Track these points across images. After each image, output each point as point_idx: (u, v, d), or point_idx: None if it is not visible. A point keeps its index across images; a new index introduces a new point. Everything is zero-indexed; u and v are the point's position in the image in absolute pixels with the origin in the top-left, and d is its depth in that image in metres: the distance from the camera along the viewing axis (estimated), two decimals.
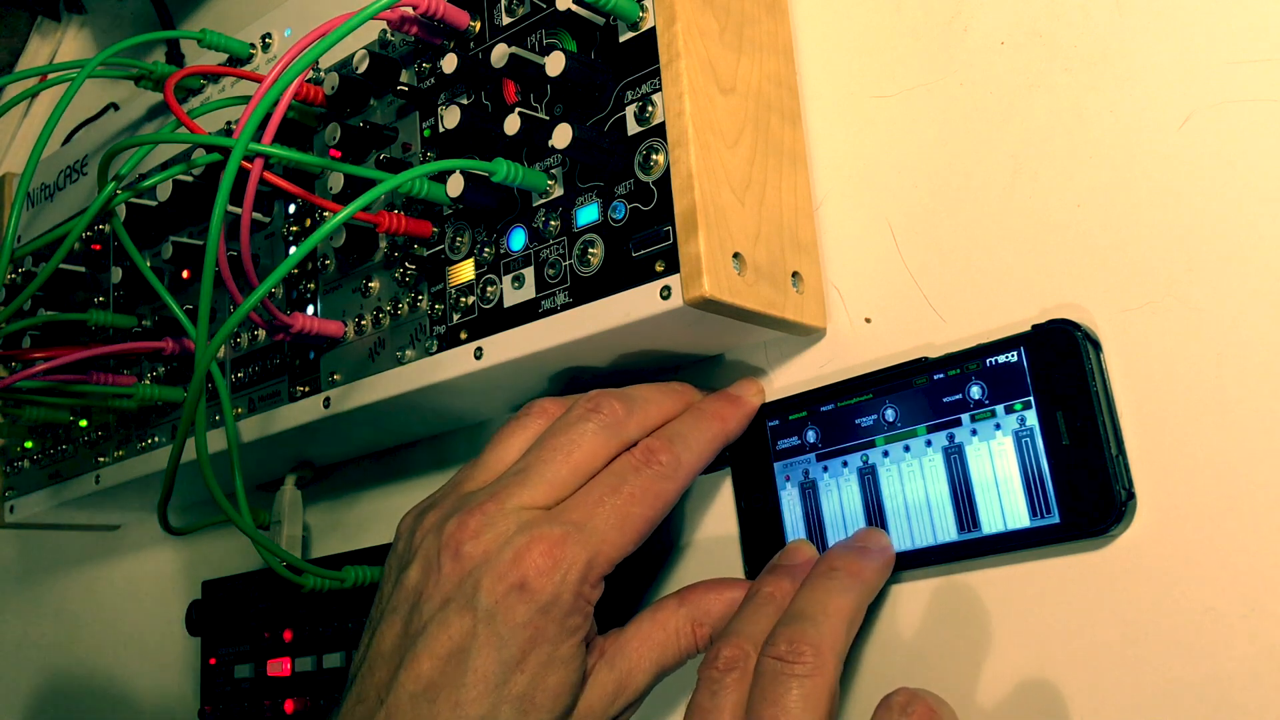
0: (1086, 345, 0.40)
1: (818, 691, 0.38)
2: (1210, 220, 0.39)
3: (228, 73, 0.61)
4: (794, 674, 0.38)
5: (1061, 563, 0.41)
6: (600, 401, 0.44)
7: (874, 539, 0.43)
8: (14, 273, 0.73)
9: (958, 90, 0.46)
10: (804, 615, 0.40)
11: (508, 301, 0.48)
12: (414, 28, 0.51)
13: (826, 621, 0.40)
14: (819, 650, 0.39)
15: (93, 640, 0.82)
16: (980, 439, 0.42)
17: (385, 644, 0.43)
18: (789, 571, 0.44)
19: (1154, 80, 0.41)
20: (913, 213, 0.46)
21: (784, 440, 0.47)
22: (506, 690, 0.41)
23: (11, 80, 0.67)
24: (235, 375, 0.60)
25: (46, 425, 0.70)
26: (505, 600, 0.41)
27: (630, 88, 0.45)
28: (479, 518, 0.42)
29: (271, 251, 0.59)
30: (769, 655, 0.39)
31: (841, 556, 0.42)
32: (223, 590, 0.67)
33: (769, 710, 0.38)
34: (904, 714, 0.38)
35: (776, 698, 0.38)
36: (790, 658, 0.39)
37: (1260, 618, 0.37)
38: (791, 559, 0.45)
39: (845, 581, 0.41)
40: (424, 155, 0.52)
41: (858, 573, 0.42)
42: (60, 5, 0.96)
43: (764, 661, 0.39)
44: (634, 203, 0.44)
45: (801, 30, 0.50)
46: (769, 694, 0.38)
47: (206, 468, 0.47)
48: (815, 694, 0.38)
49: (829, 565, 0.42)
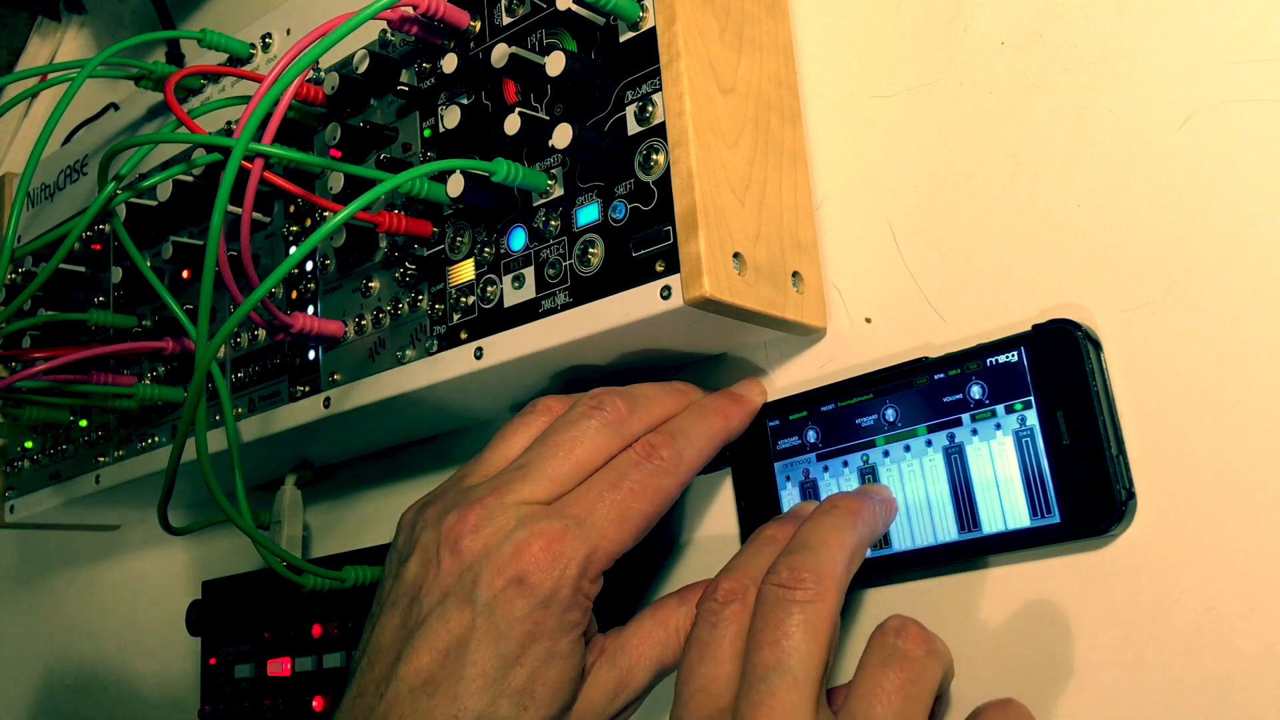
0: (1087, 345, 0.40)
1: (819, 617, 0.38)
2: (1210, 220, 0.39)
3: (228, 73, 0.61)
4: (795, 599, 0.38)
5: (1062, 562, 0.41)
6: (603, 399, 0.44)
7: (875, 489, 0.44)
8: (14, 273, 0.73)
9: (958, 90, 0.46)
10: (805, 546, 0.40)
11: (508, 301, 0.48)
12: (414, 28, 0.51)
13: (827, 551, 0.39)
14: (820, 577, 0.38)
15: (93, 640, 0.82)
16: (981, 439, 0.42)
17: (384, 638, 0.43)
18: (792, 517, 0.44)
19: (1154, 80, 0.41)
20: (913, 213, 0.46)
21: (784, 440, 0.47)
22: (505, 684, 0.41)
23: (11, 80, 0.67)
24: (235, 375, 0.60)
25: (46, 425, 0.70)
26: (504, 594, 0.41)
27: (630, 88, 0.45)
28: (478, 512, 0.42)
29: (271, 251, 0.59)
30: (770, 583, 0.39)
31: (842, 496, 0.43)
32: (223, 590, 0.67)
33: (770, 635, 0.38)
34: (898, 636, 0.38)
35: (778, 622, 0.38)
36: (791, 583, 0.38)
37: (1260, 618, 0.37)
38: (796, 510, 0.45)
39: (846, 518, 0.41)
40: (424, 155, 0.52)
41: (858, 510, 0.42)
42: (60, 5, 0.96)
43: (765, 589, 0.39)
44: (634, 203, 0.44)
45: (801, 30, 0.50)
46: (770, 619, 0.38)
47: (206, 468, 0.47)
48: (817, 619, 0.38)
49: (830, 504, 0.42)
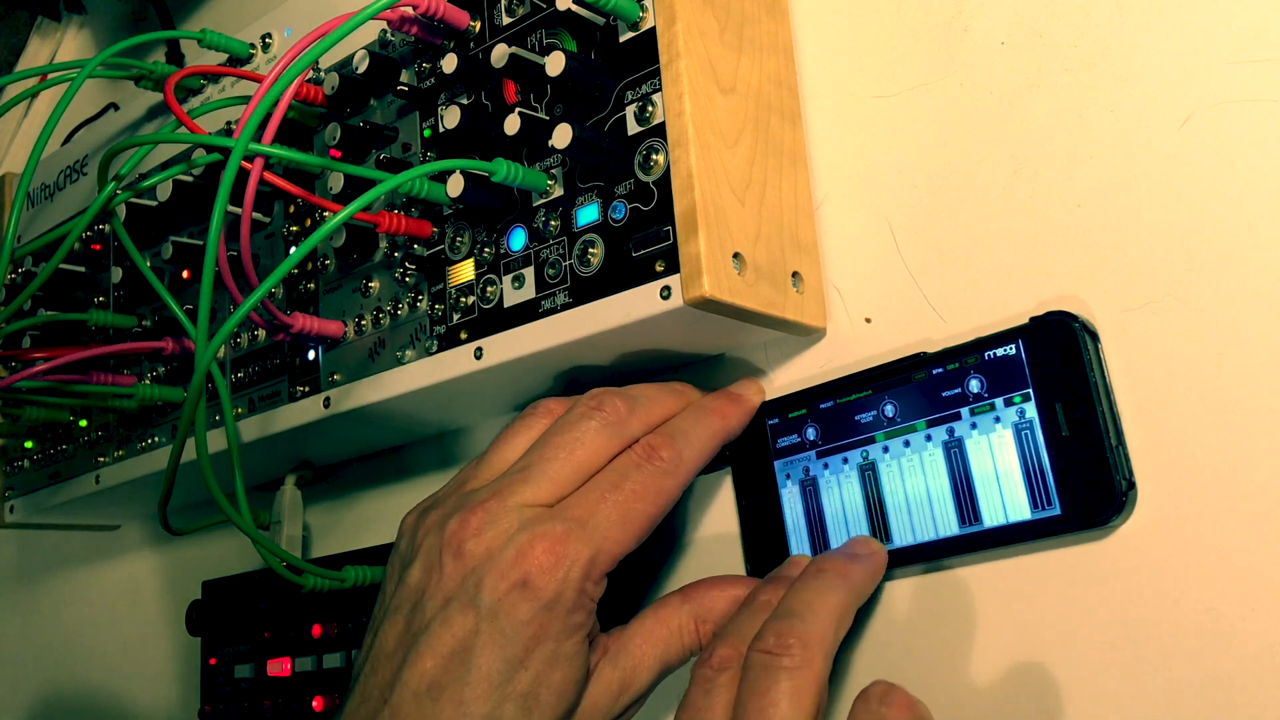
0: (1084, 336, 0.40)
1: (806, 684, 0.38)
2: (1210, 220, 0.39)
3: (228, 73, 0.61)
4: (782, 666, 0.38)
5: (1062, 554, 0.41)
6: (603, 400, 0.44)
7: (863, 545, 0.44)
8: (14, 273, 0.73)
9: (958, 90, 0.46)
10: (791, 612, 0.40)
11: (508, 301, 0.48)
12: (414, 28, 0.51)
13: (813, 617, 0.40)
14: (806, 644, 0.39)
15: (93, 640, 0.81)
16: (980, 432, 0.42)
17: (388, 643, 0.43)
18: (786, 580, 0.44)
19: (1154, 80, 0.41)
20: (913, 212, 0.46)
21: (784, 438, 0.47)
22: (510, 688, 0.41)
23: (11, 80, 0.67)
24: (235, 375, 0.60)
25: (46, 425, 0.70)
26: (508, 598, 0.41)
27: (630, 88, 0.45)
28: (481, 515, 0.42)
29: (271, 251, 0.59)
30: (756, 649, 0.39)
31: (830, 559, 0.43)
32: (223, 590, 0.67)
33: (757, 702, 0.38)
34: (882, 703, 0.38)
35: (765, 689, 0.38)
36: (778, 650, 0.39)
37: (1260, 617, 0.37)
38: (790, 570, 0.45)
39: (832, 581, 0.41)
40: (424, 155, 0.52)
41: (845, 574, 0.42)
42: (60, 5, 0.95)
43: (752, 655, 0.39)
44: (634, 203, 0.44)
45: (801, 30, 0.50)
46: (757, 686, 0.38)
47: (206, 468, 0.47)
48: (803, 687, 0.38)
49: (817, 567, 0.42)
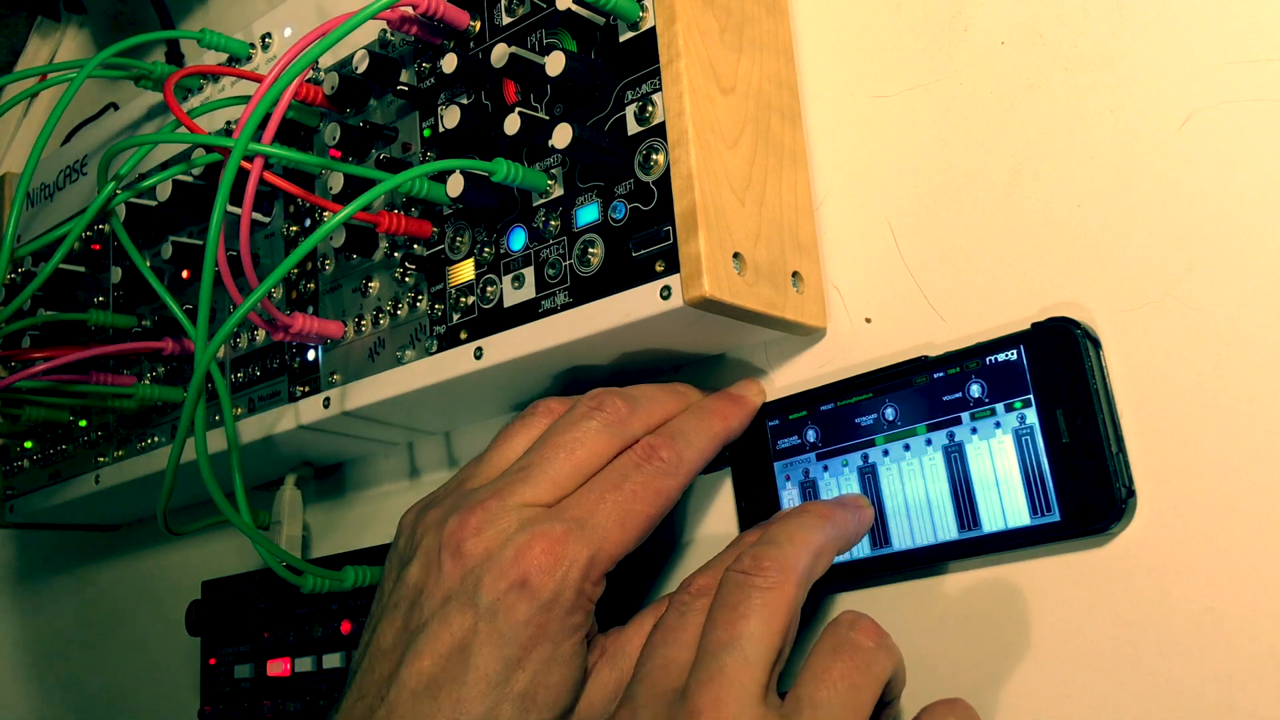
0: (1086, 343, 0.40)
1: (778, 604, 0.38)
2: (1210, 220, 0.39)
3: (227, 73, 0.61)
4: (754, 585, 0.39)
5: (1062, 561, 0.41)
6: (603, 400, 0.44)
7: (853, 498, 0.44)
8: (14, 273, 0.73)
9: (958, 90, 0.46)
10: (770, 539, 0.40)
11: (508, 301, 0.48)
12: (414, 27, 0.51)
13: (791, 546, 0.40)
14: (782, 568, 0.39)
15: (92, 640, 0.81)
16: (980, 437, 0.42)
17: (386, 641, 0.43)
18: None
19: (1154, 80, 0.41)
20: (913, 212, 0.46)
21: (784, 440, 0.47)
22: (508, 688, 0.41)
23: (11, 80, 0.67)
24: (235, 375, 0.60)
25: (46, 425, 0.70)
26: (506, 598, 0.41)
27: (630, 88, 0.45)
28: (480, 515, 0.42)
29: (271, 251, 0.59)
30: (732, 569, 0.40)
31: (816, 501, 0.44)
32: (223, 590, 0.67)
33: (726, 615, 0.38)
34: (851, 629, 0.39)
35: (735, 603, 0.38)
36: (753, 570, 0.39)
37: (1260, 618, 0.37)
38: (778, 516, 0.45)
39: (813, 520, 0.42)
40: (424, 155, 0.52)
41: (827, 514, 0.42)
42: (60, 5, 0.96)
43: (727, 575, 0.40)
44: (634, 203, 0.44)
45: (801, 30, 0.50)
46: (728, 600, 0.39)
47: (206, 468, 0.47)
48: (774, 606, 0.38)
49: (803, 507, 0.43)
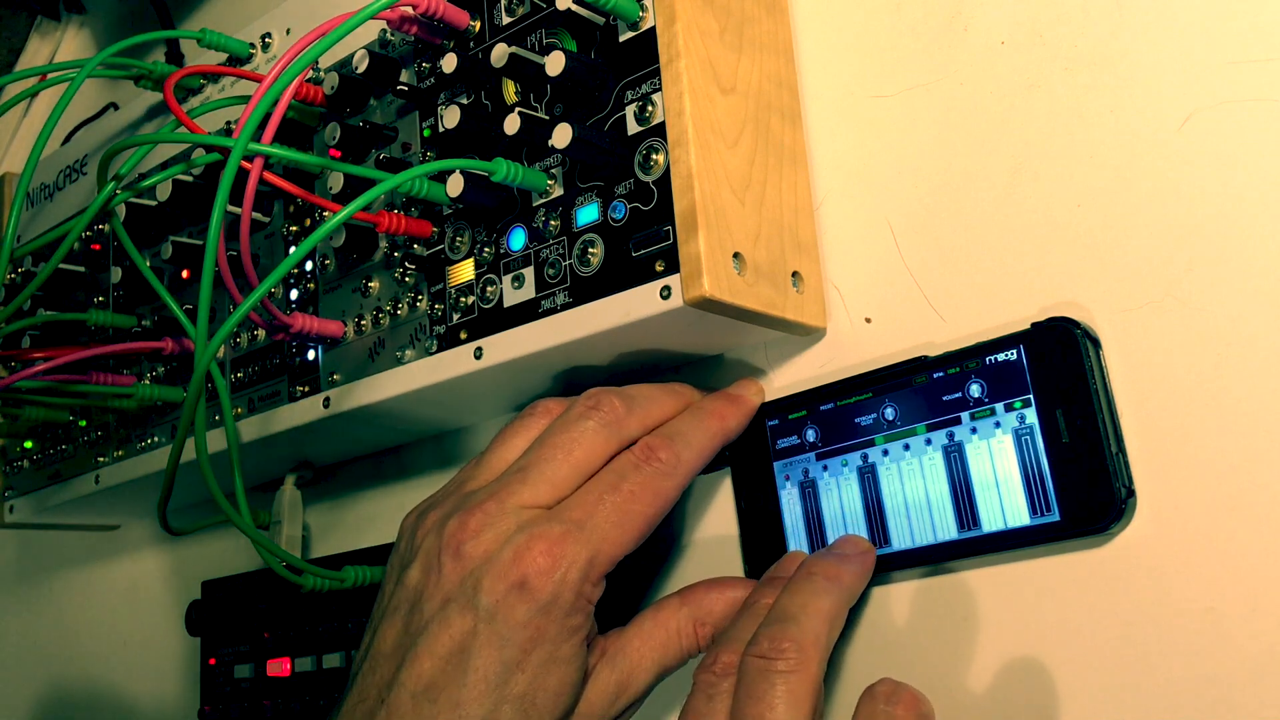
0: (1086, 343, 0.40)
1: (802, 687, 0.38)
2: (1210, 220, 0.39)
3: (227, 72, 0.61)
4: (777, 670, 0.38)
5: (1061, 561, 0.41)
6: (600, 399, 0.44)
7: (851, 544, 0.44)
8: (14, 273, 0.73)
9: (958, 90, 0.46)
10: (784, 616, 0.40)
11: (508, 301, 0.48)
12: (414, 27, 0.51)
13: (806, 620, 0.40)
14: (801, 646, 0.39)
15: (92, 640, 0.82)
16: (980, 437, 0.42)
17: (386, 643, 0.43)
18: (783, 581, 0.44)
19: (1154, 80, 0.41)
20: (913, 213, 0.46)
21: (784, 440, 0.47)
22: (507, 690, 0.41)
23: (11, 80, 0.67)
24: (235, 375, 0.60)
25: (46, 425, 0.70)
26: (506, 600, 0.41)
27: (630, 87, 0.45)
28: (479, 517, 0.42)
29: (271, 251, 0.59)
30: (751, 654, 0.39)
31: (818, 562, 0.43)
32: (223, 590, 0.67)
33: (754, 708, 0.38)
34: (889, 703, 0.38)
35: (761, 694, 0.38)
36: (773, 654, 0.39)
37: (1260, 618, 0.37)
38: (785, 570, 0.45)
39: (822, 584, 0.41)
40: (424, 155, 0.52)
41: (835, 576, 0.42)
42: (60, 5, 0.96)
43: (747, 661, 0.39)
44: (634, 202, 0.44)
45: (801, 30, 0.50)
46: (754, 691, 0.38)
47: (206, 468, 0.47)
48: (799, 690, 0.38)
49: (807, 571, 0.42)
